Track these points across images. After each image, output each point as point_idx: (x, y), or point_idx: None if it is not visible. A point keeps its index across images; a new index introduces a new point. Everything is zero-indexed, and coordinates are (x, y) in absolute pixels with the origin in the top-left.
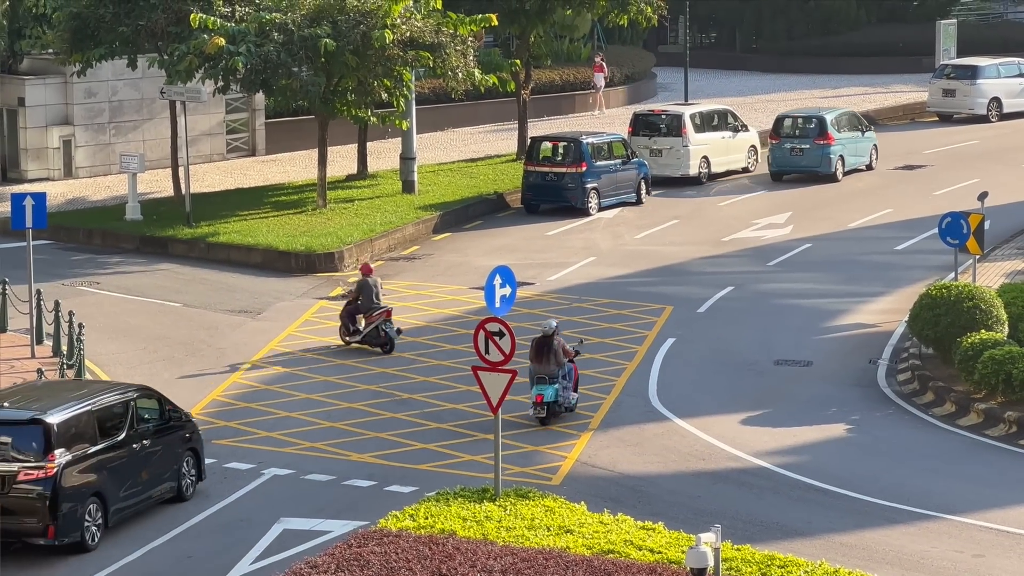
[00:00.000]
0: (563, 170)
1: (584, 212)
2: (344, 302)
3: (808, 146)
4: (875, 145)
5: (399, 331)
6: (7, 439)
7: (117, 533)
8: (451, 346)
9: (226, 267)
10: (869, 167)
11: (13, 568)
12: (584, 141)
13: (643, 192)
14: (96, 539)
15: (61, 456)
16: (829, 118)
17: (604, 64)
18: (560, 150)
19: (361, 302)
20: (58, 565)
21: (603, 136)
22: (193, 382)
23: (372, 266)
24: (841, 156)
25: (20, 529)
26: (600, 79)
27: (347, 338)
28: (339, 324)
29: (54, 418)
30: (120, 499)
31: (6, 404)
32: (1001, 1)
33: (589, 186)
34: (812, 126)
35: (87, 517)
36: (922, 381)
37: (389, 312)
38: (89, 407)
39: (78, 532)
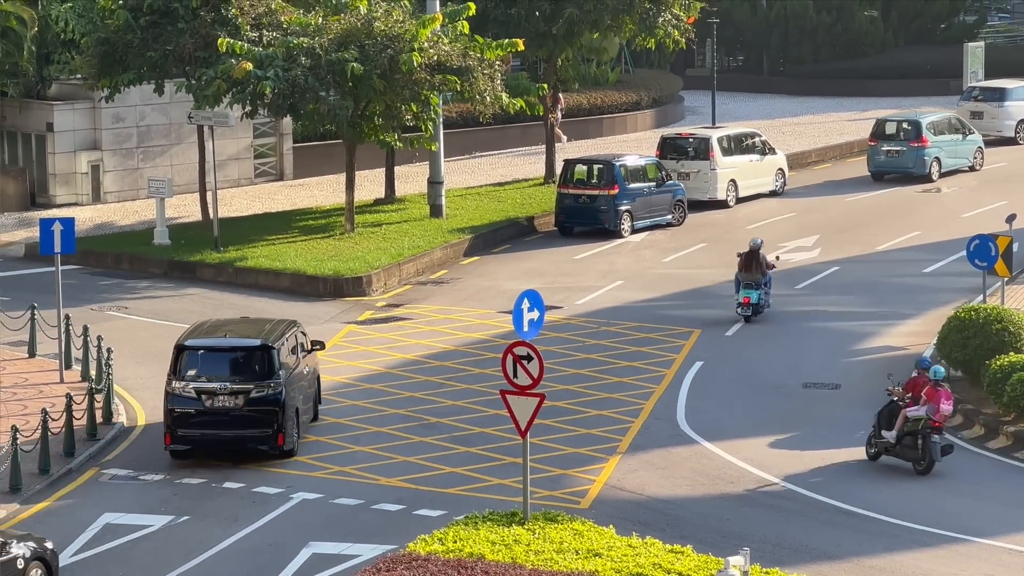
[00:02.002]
0: (596, 193)
1: (617, 234)
2: None
3: (904, 148)
4: (980, 147)
5: None
6: (239, 362)
7: (148, 556)
8: (479, 370)
9: (254, 291)
10: (972, 168)
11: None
12: (616, 164)
13: (679, 214)
14: (297, 447)
15: (282, 376)
16: (924, 122)
17: (560, 96)
18: (593, 173)
19: None
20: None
21: (636, 159)
22: None
23: None
24: (937, 158)
25: (254, 437)
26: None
27: None
28: None
29: (276, 344)
30: (302, 416)
31: (227, 334)
32: None
33: (622, 209)
34: (908, 129)
35: (295, 428)
36: None
37: None
38: (285, 336)
39: (292, 441)
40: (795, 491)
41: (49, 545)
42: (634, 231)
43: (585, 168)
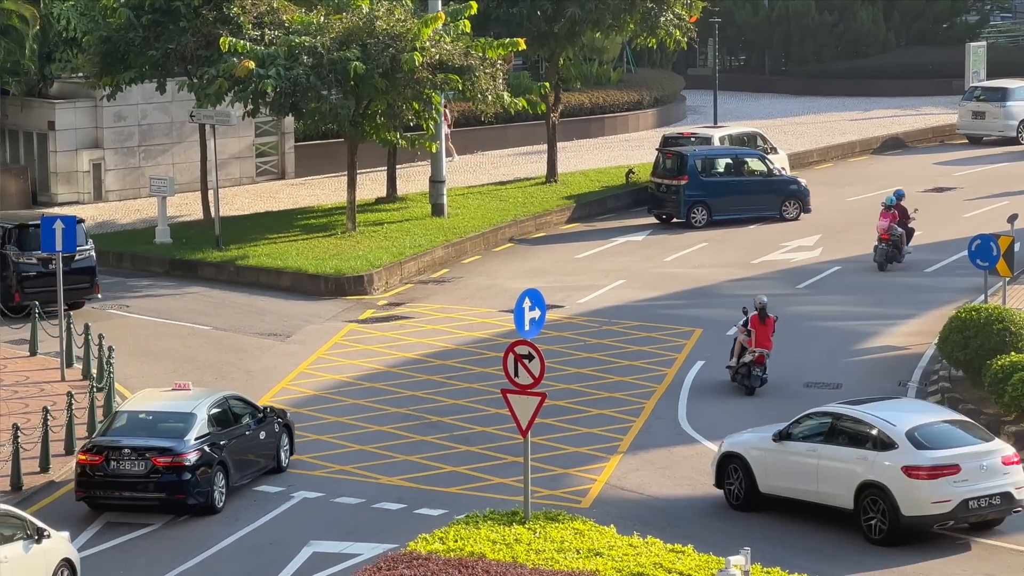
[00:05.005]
0: (669, 182)
1: (689, 225)
2: None
3: None
4: None
5: None
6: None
7: (149, 554)
8: (481, 369)
9: (255, 290)
10: None
11: None
12: (689, 155)
13: (793, 210)
14: None
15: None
16: None
17: (448, 111)
18: (670, 162)
19: None
20: None
21: (723, 151)
22: None
23: None
24: None
25: (80, 289)
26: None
27: None
28: None
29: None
30: None
31: (45, 214)
32: None
33: (693, 199)
34: None
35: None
36: (952, 404)
37: None
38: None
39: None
40: None
41: (289, 416)
42: (713, 223)
43: (666, 157)
